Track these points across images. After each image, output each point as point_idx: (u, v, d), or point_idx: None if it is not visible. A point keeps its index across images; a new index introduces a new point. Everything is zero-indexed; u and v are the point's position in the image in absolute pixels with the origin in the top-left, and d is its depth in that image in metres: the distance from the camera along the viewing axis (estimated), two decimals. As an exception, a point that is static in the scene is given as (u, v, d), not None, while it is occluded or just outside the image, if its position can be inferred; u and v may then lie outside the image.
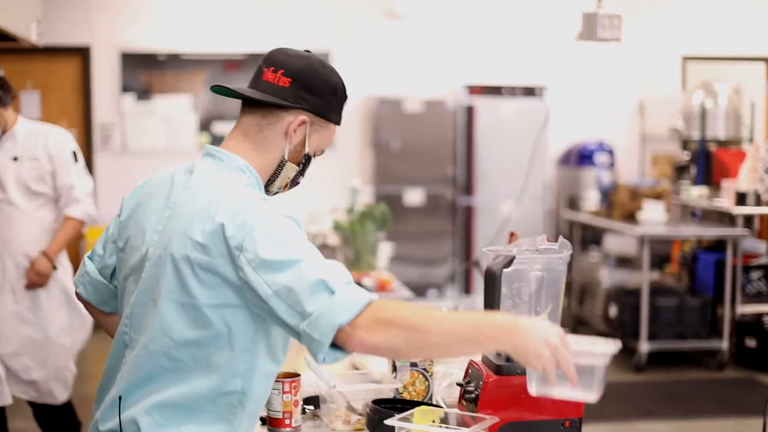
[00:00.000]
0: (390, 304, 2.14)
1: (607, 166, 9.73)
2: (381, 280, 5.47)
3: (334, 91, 2.48)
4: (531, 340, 2.09)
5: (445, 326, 2.12)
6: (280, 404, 2.65)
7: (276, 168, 2.46)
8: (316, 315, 2.09)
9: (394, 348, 2.13)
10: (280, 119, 2.43)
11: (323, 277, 2.11)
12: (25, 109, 9.80)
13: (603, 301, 8.49)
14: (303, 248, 2.18)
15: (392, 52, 10.19)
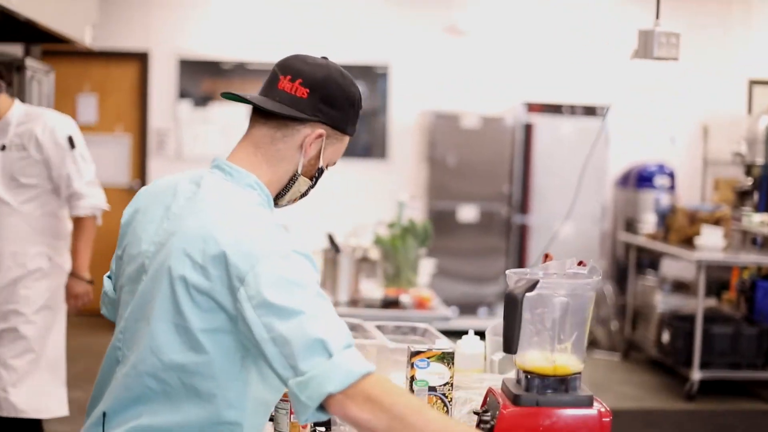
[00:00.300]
0: (385, 384, 2.00)
1: (667, 189, 9.52)
2: (420, 298, 5.35)
3: (353, 103, 2.37)
4: None
5: (431, 428, 1.94)
6: (287, 426, 2.54)
7: (288, 181, 2.35)
8: (307, 376, 1.97)
9: (372, 429, 1.98)
10: (295, 132, 2.30)
11: (324, 337, 1.98)
12: (82, 111, 9.86)
13: (656, 326, 8.28)
14: (309, 296, 2.04)
15: (451, 66, 10.07)
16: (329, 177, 8.52)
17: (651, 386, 7.98)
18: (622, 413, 7.10)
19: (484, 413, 2.43)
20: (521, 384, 2.38)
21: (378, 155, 10.13)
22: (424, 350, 2.65)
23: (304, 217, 9.25)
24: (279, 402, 2.53)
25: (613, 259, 9.99)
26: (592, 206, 9.61)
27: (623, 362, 8.84)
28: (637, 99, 10.13)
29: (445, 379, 2.63)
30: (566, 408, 2.33)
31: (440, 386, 2.63)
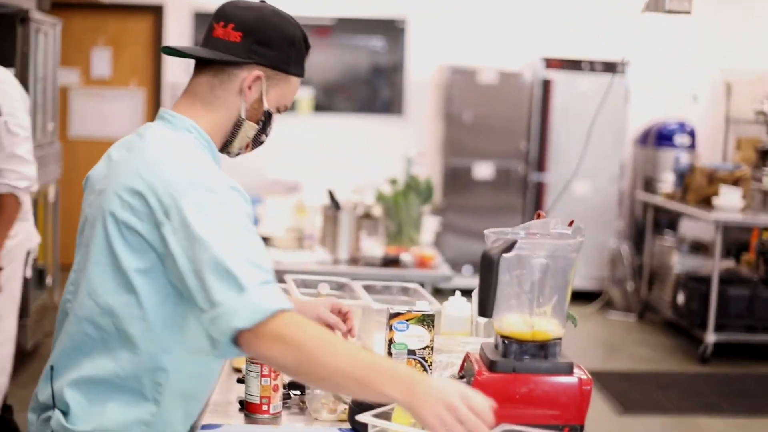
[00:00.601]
0: (296, 321, 1.98)
1: (687, 147, 9.33)
2: (422, 256, 5.23)
3: (292, 42, 2.32)
4: (428, 399, 1.87)
5: (341, 363, 1.93)
6: (258, 388, 2.44)
7: (233, 128, 2.33)
8: (219, 311, 1.96)
9: (282, 367, 2.06)
10: (232, 77, 2.29)
11: (239, 272, 1.97)
12: (96, 65, 9.77)
13: (672, 287, 8.14)
14: (233, 230, 2.04)
15: (468, 20, 9.88)
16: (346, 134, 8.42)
17: (666, 348, 7.86)
18: (635, 375, 7.00)
19: (460, 379, 2.32)
20: (499, 349, 2.28)
21: (395, 111, 9.99)
22: (403, 312, 2.55)
23: (319, 173, 9.17)
24: (249, 365, 2.45)
25: (631, 219, 9.83)
26: (610, 164, 9.45)
27: (639, 323, 8.71)
28: (658, 55, 9.93)
29: (425, 343, 2.54)
30: (544, 375, 2.23)
31: (420, 350, 2.54)
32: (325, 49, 9.95)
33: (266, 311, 1.95)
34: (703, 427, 6.03)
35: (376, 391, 1.93)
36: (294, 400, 2.58)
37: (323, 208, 5.44)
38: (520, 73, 9.49)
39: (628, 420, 6.08)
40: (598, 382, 6.69)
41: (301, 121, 9.88)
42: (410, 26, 9.88)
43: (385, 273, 5.03)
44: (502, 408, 2.19)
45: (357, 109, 10.04)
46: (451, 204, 9.39)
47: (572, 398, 2.21)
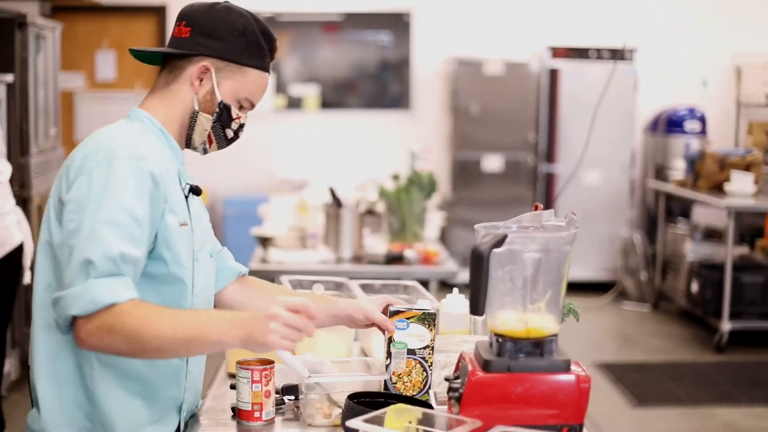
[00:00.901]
0: (123, 309, 2.06)
1: (698, 133, 9.21)
2: (426, 252, 5.15)
3: (242, 32, 2.36)
4: (255, 323, 2.05)
5: (166, 330, 2.06)
6: (249, 395, 2.37)
7: (189, 120, 2.39)
8: (62, 294, 2.07)
9: (118, 353, 2.12)
10: (183, 70, 2.36)
11: (93, 257, 2.05)
12: (100, 68, 9.73)
13: (686, 276, 8.04)
14: (104, 211, 2.10)
15: (473, 12, 9.79)
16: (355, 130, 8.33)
17: (680, 338, 7.76)
18: (650, 366, 6.91)
19: (455, 380, 2.24)
20: (493, 348, 2.20)
21: (403, 106, 9.91)
22: (404, 310, 2.48)
23: (328, 171, 9.11)
24: (240, 371, 2.38)
25: (643, 208, 9.73)
26: (620, 153, 9.36)
27: (653, 313, 8.62)
28: (666, 41, 9.83)
29: (426, 342, 2.46)
30: (540, 373, 2.14)
31: (420, 349, 2.46)
32: (334, 45, 9.88)
33: (100, 304, 2.03)
34: (719, 417, 5.94)
35: (209, 342, 2.08)
36: (288, 406, 2.51)
37: (325, 207, 5.37)
38: (526, 63, 9.41)
39: (643, 412, 5.99)
40: (613, 374, 6.61)
41: (308, 119, 9.82)
42: (415, 19, 9.80)
43: (389, 270, 4.97)
44: (498, 409, 2.13)
45: (365, 104, 9.97)
46: (461, 197, 9.32)
47: (570, 397, 2.13)
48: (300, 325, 2.06)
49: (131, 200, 2.12)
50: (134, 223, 2.12)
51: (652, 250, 9.04)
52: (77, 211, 2.12)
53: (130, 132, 2.28)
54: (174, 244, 2.25)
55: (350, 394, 2.29)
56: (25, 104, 6.13)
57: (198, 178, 2.63)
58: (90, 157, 2.18)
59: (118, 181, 2.13)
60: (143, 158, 2.18)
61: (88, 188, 2.13)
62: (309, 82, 9.89)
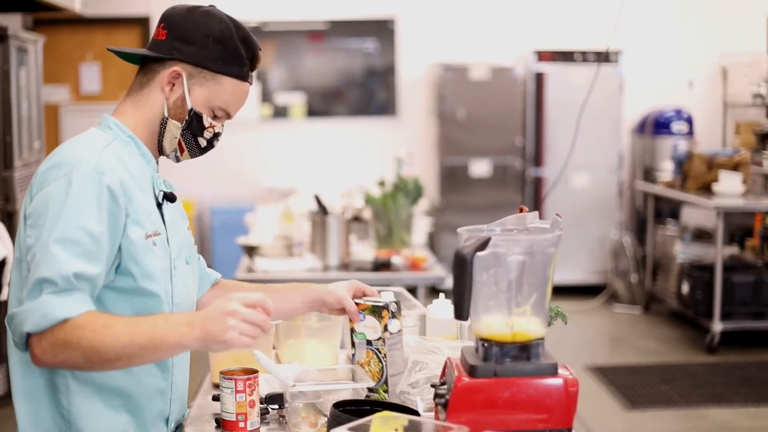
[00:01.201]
0: (82, 323, 2.01)
1: (685, 134, 9.20)
2: (414, 258, 5.12)
3: (219, 40, 2.28)
4: (212, 322, 2.01)
5: (122, 339, 2.01)
6: (233, 405, 2.33)
7: (159, 126, 2.32)
8: (17, 310, 2.03)
9: (75, 367, 2.09)
10: (155, 73, 2.31)
11: (47, 276, 2.01)
12: (85, 81, 9.68)
13: (677, 277, 8.02)
14: (59, 227, 2.05)
15: (457, 17, 9.77)
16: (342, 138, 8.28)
17: (672, 339, 7.74)
18: (642, 368, 6.88)
19: (441, 385, 2.21)
20: (479, 353, 2.16)
21: (389, 112, 9.89)
22: (360, 302, 2.54)
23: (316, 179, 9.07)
24: (223, 380, 2.34)
25: (632, 210, 9.71)
26: (608, 155, 9.35)
27: (644, 315, 8.59)
28: (651, 43, 9.82)
29: (378, 334, 2.51)
30: (527, 378, 2.10)
31: (374, 341, 2.51)
32: (319, 54, 9.86)
33: (53, 319, 1.99)
34: (712, 417, 5.91)
35: (167, 346, 2.04)
36: (273, 415, 2.47)
37: (311, 214, 5.34)
38: (511, 67, 9.40)
39: (636, 414, 5.96)
40: (605, 377, 6.58)
41: (295, 128, 9.80)
42: (400, 25, 9.78)
43: (377, 277, 4.94)
44: (485, 415, 2.09)
45: (351, 112, 9.95)
46: (449, 203, 9.29)
47: (558, 401, 2.09)
48: (258, 321, 2.03)
49: (88, 216, 2.08)
50: (90, 240, 2.07)
51: (641, 252, 9.03)
52: (35, 227, 2.09)
53: (96, 143, 2.22)
54: (140, 257, 2.19)
55: (335, 403, 2.25)
56: (8, 117, 6.08)
57: (184, 187, 2.60)
58: (51, 172, 2.13)
59: (75, 196, 2.08)
60: (102, 172, 2.13)
61: (46, 204, 2.09)
62: (295, 91, 9.87)
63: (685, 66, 9.86)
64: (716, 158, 7.86)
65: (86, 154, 2.16)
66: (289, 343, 2.87)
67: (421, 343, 2.64)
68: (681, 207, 8.77)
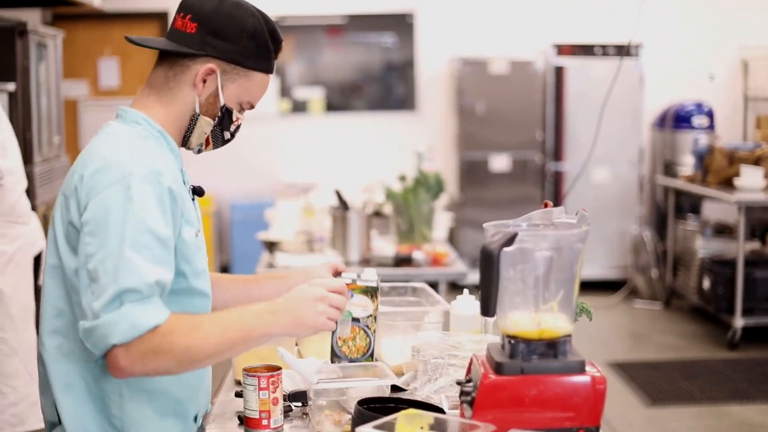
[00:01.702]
0: (170, 328, 2.02)
1: (706, 128, 9.14)
2: (435, 254, 5.09)
3: (252, 35, 2.23)
4: (300, 307, 2.09)
5: (212, 337, 2.03)
6: (256, 402, 2.31)
7: (189, 122, 2.26)
8: (96, 323, 1.98)
9: (165, 372, 2.07)
10: (186, 69, 2.23)
11: (130, 285, 1.98)
12: (104, 76, 9.69)
13: (697, 272, 7.97)
14: (126, 234, 2.01)
15: (477, 10, 9.73)
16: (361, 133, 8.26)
17: (693, 335, 7.69)
18: (663, 364, 6.84)
19: (466, 383, 2.18)
20: (505, 350, 2.14)
21: (408, 107, 9.86)
22: (349, 282, 2.57)
23: (335, 174, 9.05)
24: (246, 378, 2.32)
25: (653, 204, 9.65)
26: (628, 150, 9.30)
27: (665, 311, 8.55)
28: (672, 36, 9.76)
29: (369, 312, 2.59)
30: (554, 375, 2.08)
31: (363, 318, 2.59)
32: (338, 48, 9.84)
33: (143, 328, 1.97)
34: (734, 414, 5.87)
35: (256, 338, 2.09)
36: (296, 413, 2.45)
37: (331, 209, 5.32)
38: (531, 61, 9.35)
39: (656, 411, 5.93)
40: (625, 373, 6.54)
41: (313, 122, 9.78)
42: (419, 20, 9.75)
43: (398, 273, 4.91)
44: (511, 413, 2.07)
45: (370, 107, 9.92)
46: (469, 198, 9.26)
47: (585, 398, 2.07)
48: (341, 305, 2.17)
49: (155, 221, 2.05)
50: (160, 245, 2.05)
51: (662, 246, 8.97)
52: (96, 234, 2.02)
53: (134, 142, 2.16)
54: (192, 257, 2.19)
55: (360, 400, 2.23)
56: (27, 113, 6.08)
57: (204, 182, 2.58)
58: (101, 176, 2.06)
59: (138, 200, 2.03)
60: (160, 173, 2.09)
61: (105, 210, 2.02)
62: (314, 86, 9.85)
63: (706, 59, 9.80)
64: (737, 152, 7.80)
65: (135, 154, 2.10)
66: (312, 338, 2.84)
67: (443, 339, 2.62)
68: (702, 201, 8.71)
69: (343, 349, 2.58)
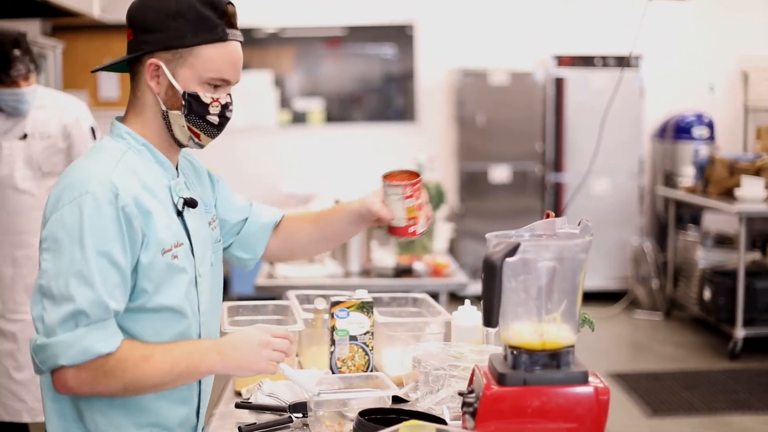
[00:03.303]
0: (123, 355, 2.05)
1: (706, 139, 9.13)
2: (436, 265, 5.08)
3: (177, 14, 2.17)
4: (244, 351, 2.15)
5: (161, 370, 2.08)
6: (403, 210, 2.41)
7: (164, 122, 2.23)
8: (47, 341, 2.00)
9: (110, 395, 2.11)
10: (138, 75, 2.23)
11: (82, 307, 2.00)
12: (103, 87, 9.69)
13: (698, 283, 7.96)
14: (81, 253, 2.01)
15: (477, 22, 9.74)
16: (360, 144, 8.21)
17: (694, 346, 7.68)
18: (664, 375, 6.82)
19: (468, 394, 2.17)
20: (507, 361, 2.12)
21: (408, 118, 9.86)
22: (343, 300, 2.63)
23: (334, 185, 9.04)
24: (388, 188, 2.44)
25: (653, 215, 9.64)
26: (628, 160, 9.29)
27: (665, 321, 8.53)
28: (672, 47, 9.76)
29: (366, 328, 2.64)
30: (557, 386, 2.06)
31: (361, 335, 2.63)
32: (337, 59, 9.84)
33: (93, 354, 2.00)
34: (735, 425, 5.85)
35: (199, 374, 2.14)
36: (296, 424, 2.44)
37: (331, 220, 5.29)
38: (531, 72, 9.35)
39: (657, 422, 5.91)
40: (626, 384, 6.53)
41: (313, 133, 9.77)
42: (419, 31, 9.76)
43: (399, 283, 4.90)
44: (514, 424, 2.05)
45: (369, 117, 9.92)
46: (469, 209, 9.25)
47: (589, 410, 2.05)
48: (285, 348, 2.20)
49: (110, 243, 2.04)
50: (113, 268, 2.04)
51: (663, 257, 8.96)
52: (51, 251, 2.03)
53: (108, 158, 2.16)
54: (155, 274, 2.14)
55: (361, 411, 2.21)
56: (27, 123, 6.07)
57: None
58: (63, 192, 2.07)
59: (93, 221, 2.03)
60: (116, 193, 2.06)
61: (62, 227, 2.03)
62: (313, 97, 9.84)
63: (706, 70, 9.80)
64: (738, 163, 7.79)
65: (98, 172, 2.09)
66: (313, 350, 2.83)
67: (444, 350, 2.61)
68: (702, 212, 8.71)
69: (342, 370, 2.62)
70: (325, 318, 2.81)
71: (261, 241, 2.65)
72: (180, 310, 2.21)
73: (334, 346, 2.65)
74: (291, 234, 2.69)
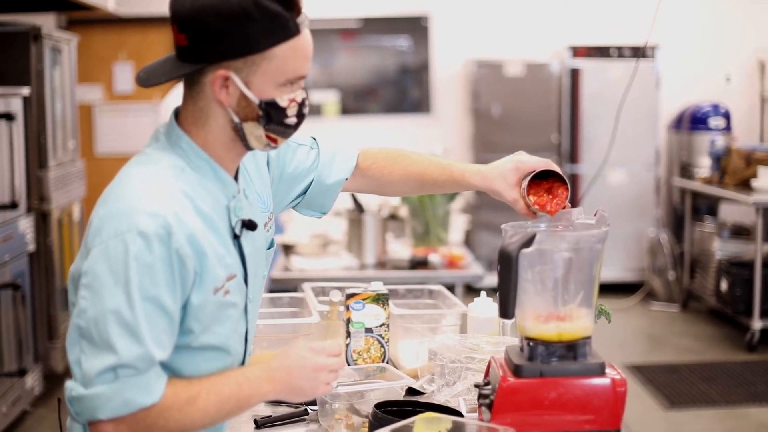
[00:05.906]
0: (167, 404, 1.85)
1: (722, 130, 9.08)
2: (451, 256, 5.07)
3: (241, 15, 1.84)
4: (298, 378, 1.97)
5: (209, 411, 1.90)
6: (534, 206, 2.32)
7: (236, 133, 1.97)
8: (83, 392, 1.80)
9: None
10: (201, 86, 1.93)
11: (125, 359, 1.79)
12: (118, 80, 9.68)
13: (715, 274, 7.92)
14: (131, 301, 1.80)
15: (492, 12, 9.71)
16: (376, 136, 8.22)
17: (711, 337, 7.65)
18: (681, 367, 6.80)
19: (485, 386, 2.16)
20: (524, 352, 2.11)
21: (423, 110, 9.84)
22: (359, 292, 2.63)
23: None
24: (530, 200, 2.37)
25: (669, 206, 9.60)
26: (645, 151, 9.25)
27: (682, 313, 8.50)
28: (688, 37, 9.71)
29: (381, 320, 2.64)
30: (574, 378, 2.05)
31: (376, 327, 2.64)
32: (352, 52, 9.82)
33: (134, 407, 1.82)
34: (753, 417, 5.83)
35: (250, 406, 1.96)
36: (312, 416, 2.43)
37: (347, 212, 5.30)
38: (547, 63, 9.31)
39: (675, 414, 5.89)
40: (643, 376, 6.51)
41: (328, 126, 9.76)
42: (434, 22, 9.73)
43: (414, 275, 4.90)
44: (531, 416, 2.04)
45: (385, 110, 9.90)
46: (484, 201, 9.22)
47: (606, 401, 2.04)
48: (339, 367, 2.04)
49: (157, 285, 1.82)
50: (162, 314, 1.84)
51: (679, 249, 8.93)
52: (91, 289, 1.82)
53: (162, 182, 1.90)
54: (205, 315, 1.94)
55: (377, 403, 2.21)
56: (42, 117, 6.09)
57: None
58: (108, 223, 1.84)
59: (140, 261, 1.81)
60: (170, 232, 1.83)
61: (104, 264, 1.81)
62: (328, 89, 9.83)
63: (722, 60, 9.75)
64: (754, 153, 7.75)
65: (150, 203, 1.84)
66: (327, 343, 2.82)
67: (460, 341, 2.60)
68: (719, 203, 8.66)
69: (358, 362, 2.62)
70: (341, 310, 2.79)
71: (329, 200, 2.45)
72: (225, 348, 2.02)
73: (349, 339, 2.66)
74: (383, 185, 2.52)
